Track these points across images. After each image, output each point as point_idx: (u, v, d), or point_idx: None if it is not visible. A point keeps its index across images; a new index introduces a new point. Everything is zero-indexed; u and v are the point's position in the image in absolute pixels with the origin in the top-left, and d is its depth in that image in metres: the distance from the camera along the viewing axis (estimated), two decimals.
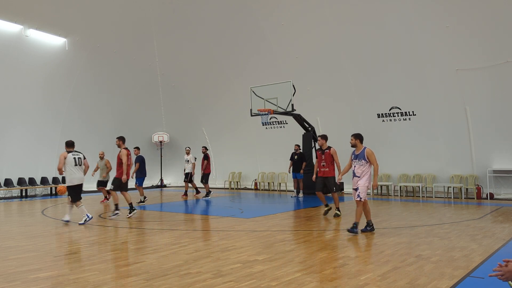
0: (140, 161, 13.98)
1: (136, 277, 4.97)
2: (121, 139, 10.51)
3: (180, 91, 21.28)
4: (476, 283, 4.71)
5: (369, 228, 7.85)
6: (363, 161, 7.76)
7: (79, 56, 18.05)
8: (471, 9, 13.19)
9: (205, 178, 15.44)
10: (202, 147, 16.12)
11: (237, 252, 6.26)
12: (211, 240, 7.28)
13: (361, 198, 7.68)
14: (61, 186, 10.23)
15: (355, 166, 7.89)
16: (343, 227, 8.50)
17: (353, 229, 7.62)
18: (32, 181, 17.29)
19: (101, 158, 14.50)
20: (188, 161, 15.28)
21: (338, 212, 10.09)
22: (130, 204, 10.19)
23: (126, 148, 10.43)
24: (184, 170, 15.57)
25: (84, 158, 9.56)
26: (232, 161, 20.62)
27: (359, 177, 7.76)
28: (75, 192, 9.30)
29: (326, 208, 10.43)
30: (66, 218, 9.35)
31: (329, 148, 10.26)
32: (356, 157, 7.90)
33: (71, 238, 7.65)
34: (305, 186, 15.81)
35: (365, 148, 7.90)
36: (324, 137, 10.43)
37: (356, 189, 7.81)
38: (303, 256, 5.99)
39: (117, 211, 10.21)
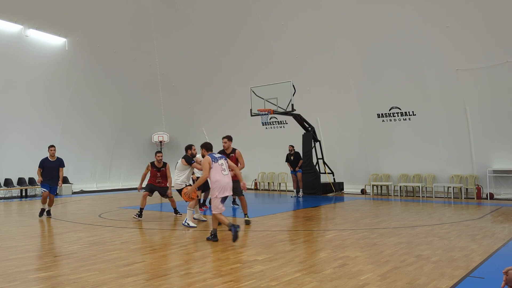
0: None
1: (136, 277, 4.97)
2: None
3: (180, 91, 21.28)
4: (476, 283, 4.71)
5: (211, 237, 7.10)
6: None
7: (79, 56, 18.05)
8: (471, 9, 13.19)
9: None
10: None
11: (237, 252, 6.26)
12: (211, 240, 7.27)
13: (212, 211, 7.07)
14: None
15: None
16: (343, 227, 8.50)
17: (208, 238, 7.09)
18: (32, 181, 17.28)
19: None
20: None
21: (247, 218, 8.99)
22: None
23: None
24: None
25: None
26: None
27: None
28: None
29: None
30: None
31: (234, 151, 9.16)
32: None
33: (71, 238, 7.65)
34: (305, 186, 15.86)
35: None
36: (230, 138, 9.20)
37: None
38: (303, 256, 5.98)
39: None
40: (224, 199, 7.07)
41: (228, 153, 9.17)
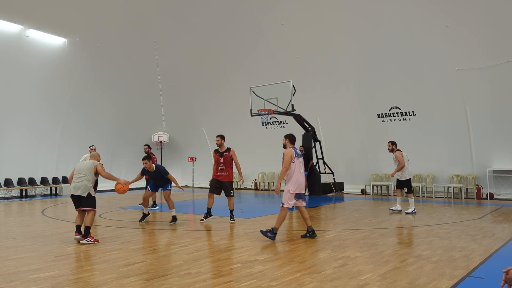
0: None
1: (136, 277, 4.97)
2: None
3: (180, 91, 21.28)
4: (476, 283, 4.71)
5: (308, 234, 7.33)
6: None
7: (79, 56, 18.05)
8: (471, 9, 13.20)
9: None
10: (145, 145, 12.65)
11: (237, 252, 6.26)
12: (211, 240, 7.28)
13: (283, 204, 7.24)
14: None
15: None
16: (343, 227, 8.50)
17: (266, 233, 7.17)
18: (32, 181, 17.28)
19: None
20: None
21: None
22: None
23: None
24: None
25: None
26: None
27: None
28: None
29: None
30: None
31: (228, 149, 9.30)
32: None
33: (71, 238, 7.64)
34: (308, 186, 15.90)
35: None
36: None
37: None
38: (303, 256, 5.98)
39: None
40: (298, 196, 7.31)
41: (222, 151, 9.46)
